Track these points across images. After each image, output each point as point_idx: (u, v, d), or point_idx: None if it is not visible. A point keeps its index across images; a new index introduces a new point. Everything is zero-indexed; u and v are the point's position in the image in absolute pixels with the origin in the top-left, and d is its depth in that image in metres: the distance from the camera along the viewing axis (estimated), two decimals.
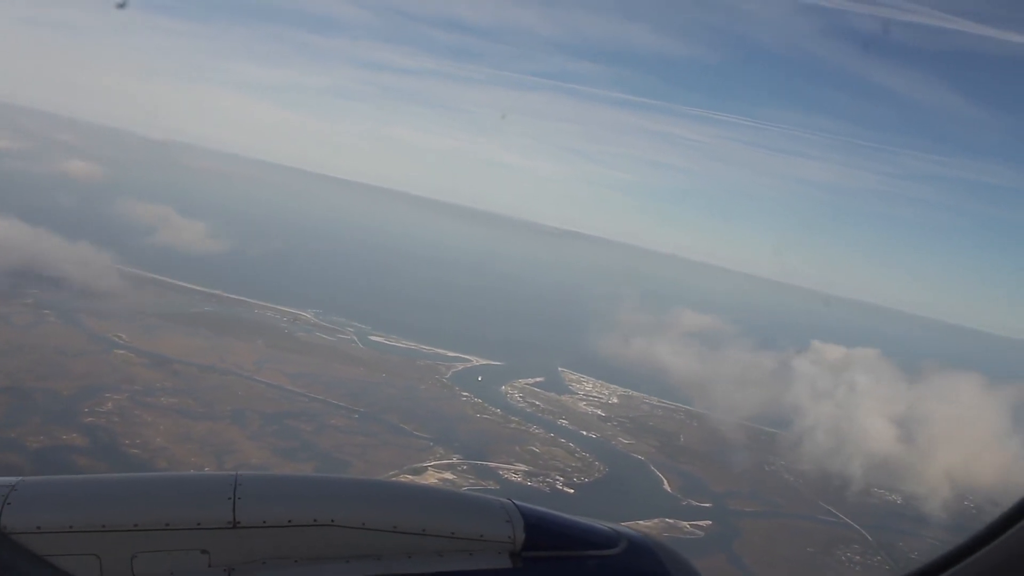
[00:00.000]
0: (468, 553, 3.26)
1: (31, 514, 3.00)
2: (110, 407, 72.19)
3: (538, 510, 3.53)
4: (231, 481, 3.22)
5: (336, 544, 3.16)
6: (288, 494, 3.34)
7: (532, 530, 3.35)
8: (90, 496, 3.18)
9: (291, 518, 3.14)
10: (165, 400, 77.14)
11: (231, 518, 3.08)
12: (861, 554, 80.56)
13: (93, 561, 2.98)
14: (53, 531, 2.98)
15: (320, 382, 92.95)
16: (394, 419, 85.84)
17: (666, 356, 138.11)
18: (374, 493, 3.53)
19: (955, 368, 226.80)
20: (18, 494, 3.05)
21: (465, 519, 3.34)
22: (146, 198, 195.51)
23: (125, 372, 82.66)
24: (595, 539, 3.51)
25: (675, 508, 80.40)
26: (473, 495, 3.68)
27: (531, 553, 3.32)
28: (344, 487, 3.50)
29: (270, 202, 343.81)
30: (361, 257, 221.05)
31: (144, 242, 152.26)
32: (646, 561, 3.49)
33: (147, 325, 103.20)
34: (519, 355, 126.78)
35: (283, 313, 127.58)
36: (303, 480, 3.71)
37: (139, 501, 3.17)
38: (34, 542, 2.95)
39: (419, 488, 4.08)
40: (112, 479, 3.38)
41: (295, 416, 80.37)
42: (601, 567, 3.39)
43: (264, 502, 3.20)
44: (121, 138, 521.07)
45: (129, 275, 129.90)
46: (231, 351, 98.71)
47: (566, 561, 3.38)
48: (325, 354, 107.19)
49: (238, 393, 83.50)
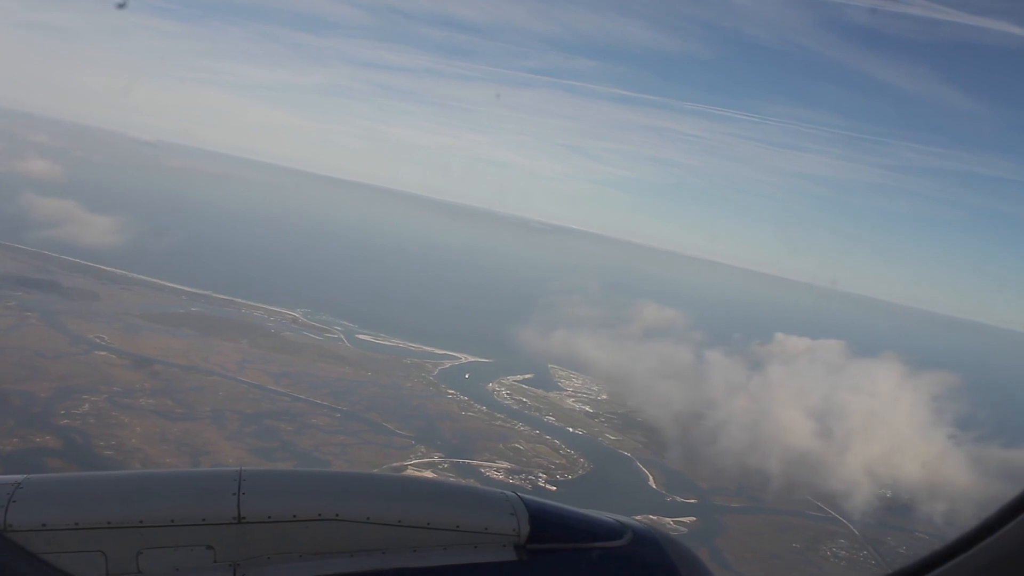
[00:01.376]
0: (473, 546, 3.28)
1: (36, 511, 3.02)
2: (86, 409, 71.61)
3: (542, 502, 3.56)
4: (235, 477, 3.24)
5: (341, 538, 3.18)
6: (292, 489, 3.35)
7: (537, 522, 3.37)
8: (95, 493, 3.18)
9: (296, 513, 3.16)
10: (143, 401, 76.57)
11: (236, 514, 3.10)
12: (847, 549, 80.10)
13: (99, 558, 2.99)
14: (58, 528, 3.00)
15: (303, 381, 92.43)
16: (376, 418, 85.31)
17: (645, 353, 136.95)
18: (378, 487, 3.54)
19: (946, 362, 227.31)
20: (23, 492, 3.06)
21: (470, 512, 3.37)
22: (71, 195, 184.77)
23: (104, 373, 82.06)
24: (600, 531, 3.53)
25: (659, 504, 79.82)
26: (477, 488, 3.75)
27: (536, 545, 3.34)
28: (348, 481, 3.52)
29: (255, 201, 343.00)
30: (352, 256, 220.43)
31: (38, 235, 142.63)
32: (651, 552, 3.51)
33: (131, 326, 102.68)
34: (508, 352, 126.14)
35: (271, 313, 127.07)
36: (307, 475, 3.71)
37: (144, 498, 3.18)
38: (39, 539, 2.97)
39: (423, 481, 4.05)
40: (117, 476, 3.40)
41: (275, 416, 79.81)
42: (606, 559, 3.41)
43: (268, 497, 3.21)
44: (107, 139, 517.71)
45: (113, 276, 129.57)
46: (215, 351, 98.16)
47: (571, 553, 3.40)
48: (311, 353, 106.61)
49: (219, 394, 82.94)
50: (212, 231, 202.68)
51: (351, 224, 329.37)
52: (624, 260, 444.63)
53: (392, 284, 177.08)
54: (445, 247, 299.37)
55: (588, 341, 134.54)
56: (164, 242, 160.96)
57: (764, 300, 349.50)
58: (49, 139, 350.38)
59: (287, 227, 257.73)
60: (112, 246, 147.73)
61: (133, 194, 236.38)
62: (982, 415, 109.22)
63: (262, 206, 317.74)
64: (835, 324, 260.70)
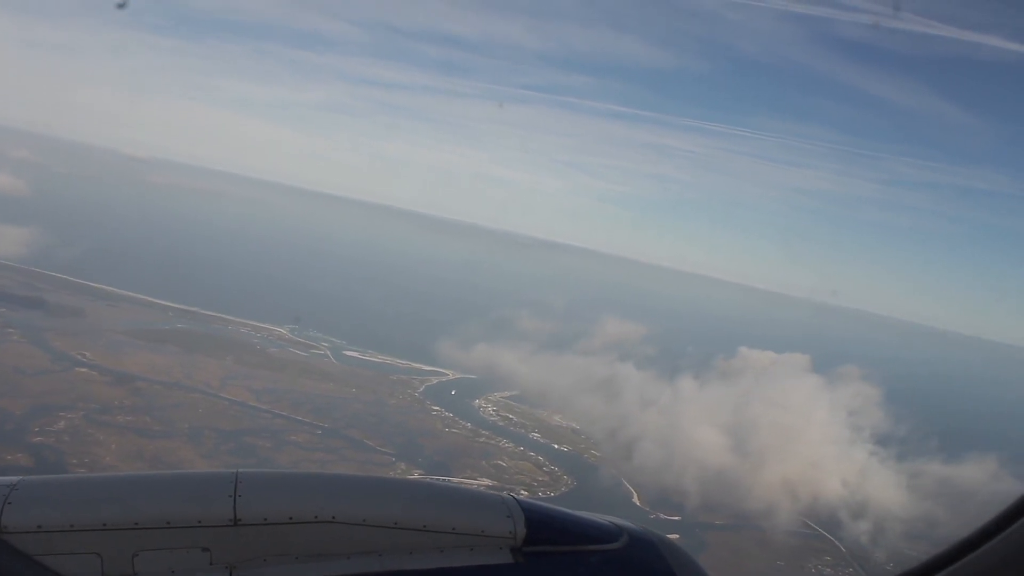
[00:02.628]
0: (469, 549, 3.25)
1: (32, 513, 2.97)
2: (62, 426, 71.04)
3: (539, 505, 3.53)
4: (232, 478, 3.18)
5: (337, 541, 3.14)
6: (289, 491, 3.30)
7: (533, 525, 3.33)
8: (91, 495, 3.14)
9: (292, 515, 3.11)
10: (121, 418, 76.02)
11: (232, 516, 3.06)
12: (832, 566, 79.33)
13: (94, 560, 2.95)
14: (54, 530, 2.95)
15: (286, 398, 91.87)
16: (357, 434, 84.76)
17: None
18: (375, 489, 3.49)
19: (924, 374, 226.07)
20: (19, 493, 3.02)
21: (466, 515, 3.32)
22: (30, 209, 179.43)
23: (84, 390, 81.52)
24: (597, 534, 3.49)
25: (642, 522, 78.34)
26: (474, 490, 3.73)
27: (532, 548, 3.30)
28: (345, 483, 3.47)
29: (248, 217, 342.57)
30: (343, 272, 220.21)
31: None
32: (648, 555, 3.48)
33: (115, 343, 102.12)
34: (496, 368, 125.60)
35: (258, 329, 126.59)
36: (304, 477, 3.64)
37: (140, 499, 3.12)
38: (35, 541, 2.92)
39: (420, 484, 3.93)
40: (113, 478, 3.35)
41: (254, 433, 79.27)
42: (603, 562, 3.38)
43: (265, 499, 3.16)
44: (98, 155, 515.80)
45: (102, 293, 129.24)
46: (199, 368, 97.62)
47: (568, 556, 3.36)
48: (295, 370, 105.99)
49: (199, 411, 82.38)
50: (201, 247, 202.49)
51: (346, 241, 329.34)
52: (623, 277, 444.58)
53: (381, 301, 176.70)
54: (440, 264, 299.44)
55: (571, 360, 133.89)
56: (121, 256, 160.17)
57: (753, 315, 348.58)
58: (30, 154, 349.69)
59: (280, 244, 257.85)
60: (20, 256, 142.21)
61: (100, 208, 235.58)
62: (932, 427, 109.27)
63: (255, 223, 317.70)
64: (820, 337, 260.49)
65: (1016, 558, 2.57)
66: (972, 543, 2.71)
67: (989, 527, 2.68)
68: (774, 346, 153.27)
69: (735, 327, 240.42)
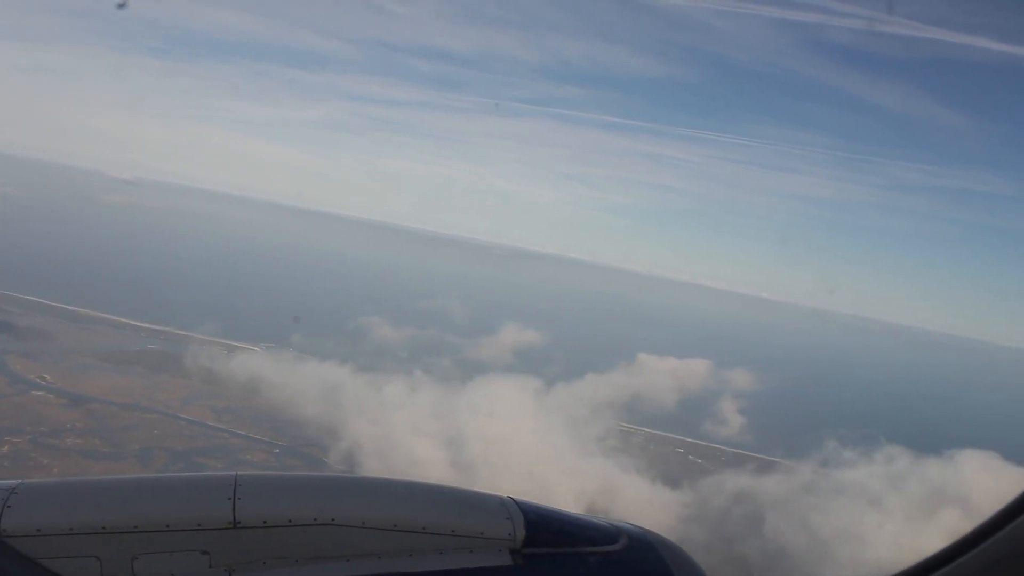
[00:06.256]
0: (469, 550, 3.22)
1: (31, 517, 2.95)
2: (5, 450, 69.60)
3: (538, 506, 3.48)
4: (231, 481, 3.15)
5: (337, 543, 3.12)
6: (288, 493, 3.26)
7: (532, 527, 3.30)
8: (90, 498, 3.12)
9: (291, 518, 3.09)
10: (70, 441, 74.54)
11: (231, 518, 3.03)
12: None
13: (93, 563, 2.93)
14: (53, 533, 2.93)
15: (246, 417, 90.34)
16: (316, 452, 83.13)
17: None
18: (374, 491, 3.43)
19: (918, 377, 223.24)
20: (18, 497, 3.00)
21: (465, 516, 3.29)
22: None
23: (36, 413, 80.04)
24: (596, 535, 3.44)
25: None
26: (473, 492, 3.60)
27: (532, 550, 3.27)
28: (344, 485, 3.43)
29: (233, 236, 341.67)
30: (328, 289, 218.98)
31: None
32: (647, 556, 3.44)
33: (80, 365, 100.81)
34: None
35: (231, 348, 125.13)
36: (303, 479, 3.56)
37: (139, 503, 3.10)
38: (34, 545, 2.91)
39: (419, 485, 3.75)
40: (112, 481, 3.30)
41: (206, 453, 77.62)
42: (602, 563, 3.35)
43: (264, 502, 3.13)
44: (81, 177, 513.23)
45: (74, 315, 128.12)
46: (161, 388, 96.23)
47: (567, 557, 3.33)
48: (263, 389, 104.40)
49: (153, 431, 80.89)
50: (184, 266, 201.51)
51: (339, 258, 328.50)
52: (620, 289, 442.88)
53: (365, 319, 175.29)
54: (432, 279, 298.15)
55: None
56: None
57: (741, 323, 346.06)
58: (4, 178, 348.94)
59: (269, 262, 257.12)
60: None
61: (75, 230, 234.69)
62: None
63: (242, 242, 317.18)
64: (801, 346, 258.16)
65: (1014, 556, 2.54)
66: (970, 542, 2.66)
67: (987, 525, 2.63)
68: (743, 354, 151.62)
69: (699, 334, 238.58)
